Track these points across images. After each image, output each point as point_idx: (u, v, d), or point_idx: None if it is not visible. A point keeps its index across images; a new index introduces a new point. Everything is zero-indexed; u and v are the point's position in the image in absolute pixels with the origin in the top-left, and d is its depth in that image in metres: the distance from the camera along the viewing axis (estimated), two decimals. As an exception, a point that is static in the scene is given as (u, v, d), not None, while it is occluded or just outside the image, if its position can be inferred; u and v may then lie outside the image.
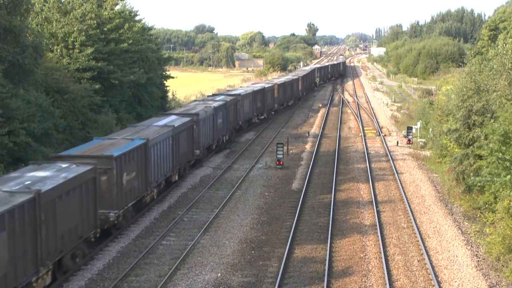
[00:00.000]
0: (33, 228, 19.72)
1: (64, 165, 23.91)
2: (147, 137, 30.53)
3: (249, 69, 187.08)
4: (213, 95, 59.58)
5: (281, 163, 42.20)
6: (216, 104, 46.78)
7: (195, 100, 61.42)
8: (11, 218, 18.46)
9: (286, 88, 76.42)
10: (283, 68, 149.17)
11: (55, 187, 21.13)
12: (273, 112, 70.51)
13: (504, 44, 36.12)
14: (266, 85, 68.33)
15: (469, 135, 32.25)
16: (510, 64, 31.99)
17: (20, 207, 18.90)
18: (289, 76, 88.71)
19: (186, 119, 38.34)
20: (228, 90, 72.24)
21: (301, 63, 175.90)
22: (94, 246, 25.13)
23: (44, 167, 23.54)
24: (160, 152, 32.11)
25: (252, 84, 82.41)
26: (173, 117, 38.89)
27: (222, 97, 52.96)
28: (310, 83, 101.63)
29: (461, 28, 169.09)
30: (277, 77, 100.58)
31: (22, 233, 19.10)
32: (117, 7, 54.64)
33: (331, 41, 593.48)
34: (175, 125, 35.38)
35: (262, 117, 65.46)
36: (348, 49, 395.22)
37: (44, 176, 22.16)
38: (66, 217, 21.87)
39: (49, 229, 20.73)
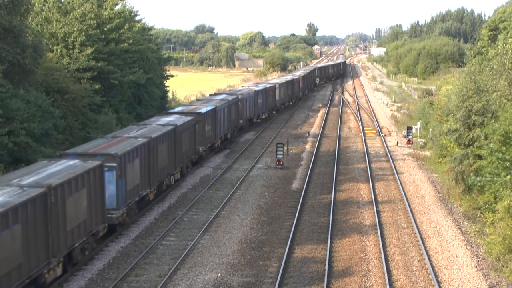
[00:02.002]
0: (174, 146, 34.50)
1: (178, 116, 39.68)
2: (215, 105, 45.96)
3: (249, 69, 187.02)
4: (257, 83, 79.70)
5: (281, 163, 42.20)
6: (257, 89, 63.71)
7: (242, 86, 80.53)
8: (167, 137, 33.18)
9: (305, 80, 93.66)
10: (283, 68, 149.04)
11: (182, 124, 36.40)
12: (299, 99, 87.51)
13: (504, 44, 36.14)
14: (294, 77, 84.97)
15: (469, 135, 32.25)
16: (510, 64, 32.00)
17: (170, 131, 33.89)
18: (303, 71, 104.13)
19: (234, 96, 53.61)
20: (267, 80, 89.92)
21: (301, 63, 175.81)
22: (193, 164, 40.86)
23: (167, 115, 40.27)
24: (221, 116, 47.26)
25: (283, 76, 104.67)
26: (224, 95, 55.57)
27: (263, 84, 70.50)
28: (316, 78, 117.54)
29: (461, 28, 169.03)
30: (283, 75, 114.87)
31: (169, 147, 33.56)
32: (117, 7, 54.67)
33: (331, 41, 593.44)
34: (229, 99, 50.64)
35: (291, 102, 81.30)
36: (348, 49, 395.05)
37: (171, 119, 37.62)
38: (185, 144, 36.90)
39: (179, 148, 35.57)
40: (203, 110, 42.69)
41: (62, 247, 21.55)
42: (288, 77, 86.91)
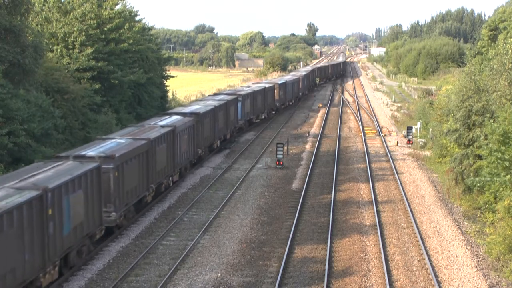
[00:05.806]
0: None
1: (254, 87, 64.16)
2: (286, 80, 77.07)
3: (249, 69, 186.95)
4: (296, 70, 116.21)
5: (281, 163, 42.21)
6: (304, 73, 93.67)
7: (278, 77, 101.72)
8: (249, 96, 58.38)
9: (316, 72, 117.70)
10: (283, 68, 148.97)
11: (257, 90, 61.61)
12: (319, 84, 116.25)
13: (504, 44, 36.10)
14: (317, 67, 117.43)
15: (469, 135, 32.22)
16: (510, 64, 31.95)
17: (250, 93, 58.76)
18: (315, 65, 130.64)
19: (296, 77, 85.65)
20: (301, 69, 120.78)
21: (301, 63, 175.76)
22: (268, 114, 65.95)
23: (246, 87, 66.00)
24: (288, 88, 76.89)
25: (313, 64, 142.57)
26: (290, 76, 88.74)
27: (304, 70, 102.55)
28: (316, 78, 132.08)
29: (461, 28, 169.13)
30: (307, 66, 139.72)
31: (250, 101, 58.10)
32: (117, 7, 54.61)
33: (331, 41, 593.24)
34: (293, 78, 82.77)
35: (314, 86, 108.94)
36: (348, 49, 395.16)
37: (250, 88, 63.41)
38: (259, 103, 61.99)
39: (256, 104, 60.58)
40: (268, 85, 68.54)
41: (230, 129, 48.00)
42: (313, 66, 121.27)
